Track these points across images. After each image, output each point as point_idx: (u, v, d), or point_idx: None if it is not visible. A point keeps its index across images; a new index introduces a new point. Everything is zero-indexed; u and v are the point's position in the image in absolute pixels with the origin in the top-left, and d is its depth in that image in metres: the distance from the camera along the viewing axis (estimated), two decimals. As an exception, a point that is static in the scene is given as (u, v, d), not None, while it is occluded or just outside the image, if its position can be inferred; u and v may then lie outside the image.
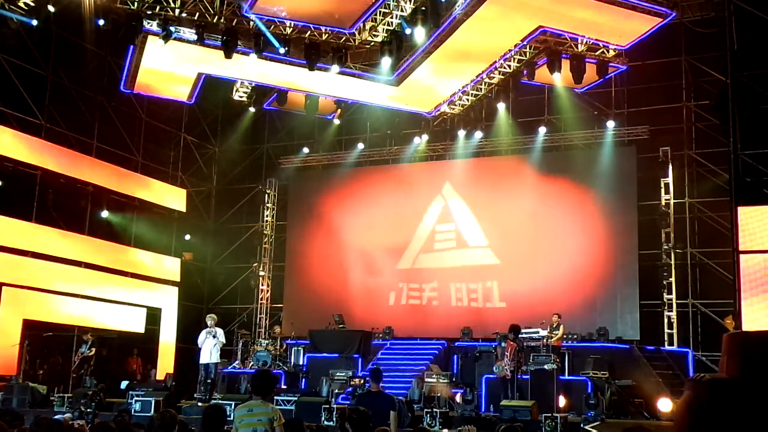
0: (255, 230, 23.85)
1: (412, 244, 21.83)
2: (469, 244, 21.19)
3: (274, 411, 6.20)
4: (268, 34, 16.79)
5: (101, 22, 16.16)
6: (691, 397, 1.97)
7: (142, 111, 21.81)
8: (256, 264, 23.33)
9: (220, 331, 14.81)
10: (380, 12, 17.08)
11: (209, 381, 14.74)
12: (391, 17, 17.13)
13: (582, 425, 12.48)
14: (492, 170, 21.74)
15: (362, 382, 15.20)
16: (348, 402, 13.96)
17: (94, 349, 16.62)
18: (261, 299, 23.41)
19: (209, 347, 14.62)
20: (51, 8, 15.84)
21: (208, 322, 14.89)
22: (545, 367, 14.59)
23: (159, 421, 5.91)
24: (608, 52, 17.93)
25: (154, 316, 21.40)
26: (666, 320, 18.81)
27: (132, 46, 17.70)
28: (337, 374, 15.99)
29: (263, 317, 23.19)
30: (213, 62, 18.27)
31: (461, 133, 21.27)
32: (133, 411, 13.70)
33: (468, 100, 20.43)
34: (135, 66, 18.58)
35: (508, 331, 14.84)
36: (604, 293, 19.30)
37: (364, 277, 22.23)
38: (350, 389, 15.53)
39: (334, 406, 13.35)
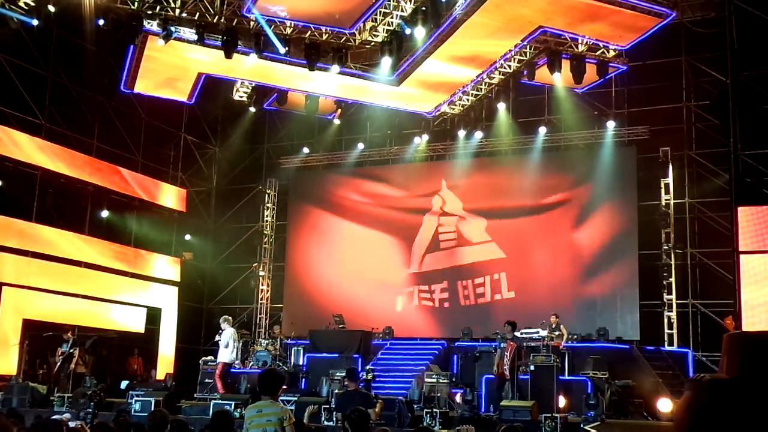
0: (255, 230, 23.84)
1: (414, 245, 21.82)
2: (471, 243, 21.18)
3: (283, 411, 6.18)
4: (270, 33, 16.78)
5: (101, 22, 16.14)
6: (691, 397, 1.97)
7: (142, 111, 21.80)
8: (256, 264, 23.32)
9: (225, 333, 15.25)
10: (380, 12, 17.07)
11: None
12: (391, 17, 17.12)
13: (582, 425, 12.47)
14: (492, 170, 21.74)
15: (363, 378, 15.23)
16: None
17: (76, 348, 16.60)
18: (261, 299, 23.40)
19: None
20: (51, 8, 15.81)
21: (221, 324, 15.40)
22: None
23: (150, 422, 5.95)
24: (608, 52, 17.92)
25: (154, 316, 21.40)
26: (666, 320, 18.81)
27: (132, 46, 17.70)
28: (337, 374, 15.93)
29: (263, 317, 23.18)
30: (213, 62, 18.27)
31: (461, 133, 21.23)
32: (133, 411, 13.69)
33: (468, 100, 20.42)
34: (135, 66, 18.57)
35: (504, 325, 14.78)
36: (604, 293, 19.30)
37: (364, 278, 22.20)
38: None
39: (334, 405, 13.33)
